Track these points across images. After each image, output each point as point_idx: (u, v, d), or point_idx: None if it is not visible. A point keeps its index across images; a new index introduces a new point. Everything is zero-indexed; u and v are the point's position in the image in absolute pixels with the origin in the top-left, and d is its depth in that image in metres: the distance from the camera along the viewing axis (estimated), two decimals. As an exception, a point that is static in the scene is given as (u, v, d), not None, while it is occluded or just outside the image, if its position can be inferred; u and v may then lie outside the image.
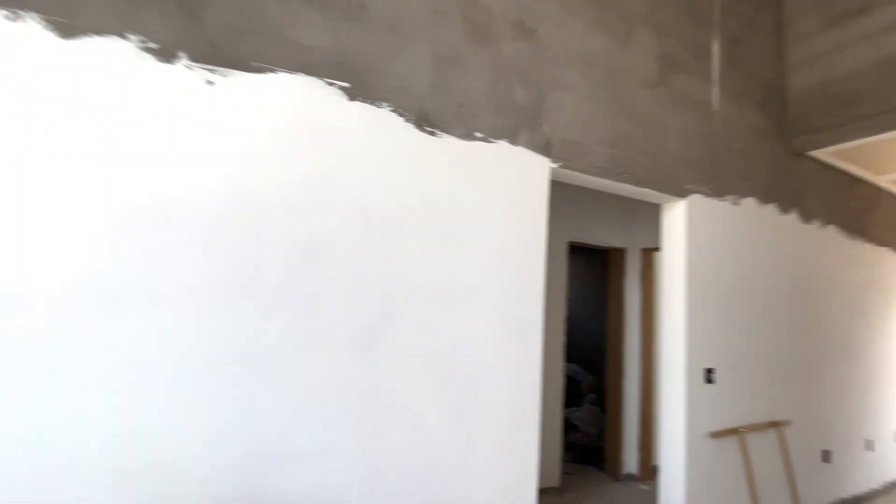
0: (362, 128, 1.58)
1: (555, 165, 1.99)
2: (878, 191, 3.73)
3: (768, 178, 2.85)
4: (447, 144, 1.75)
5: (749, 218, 2.72)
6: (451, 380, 1.70)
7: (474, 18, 1.84)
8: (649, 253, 3.65)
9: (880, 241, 3.71)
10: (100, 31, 1.24)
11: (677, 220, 2.46)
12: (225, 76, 1.38)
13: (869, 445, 3.48)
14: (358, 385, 1.53)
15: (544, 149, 1.97)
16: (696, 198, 2.48)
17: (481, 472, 1.75)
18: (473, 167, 1.80)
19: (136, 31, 1.28)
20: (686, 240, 2.41)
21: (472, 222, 1.78)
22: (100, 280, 1.21)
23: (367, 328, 1.55)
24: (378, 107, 1.61)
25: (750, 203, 2.73)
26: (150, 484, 1.24)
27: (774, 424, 2.73)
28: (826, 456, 3.11)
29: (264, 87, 1.43)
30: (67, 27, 1.21)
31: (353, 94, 1.57)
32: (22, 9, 1.16)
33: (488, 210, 1.82)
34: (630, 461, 3.57)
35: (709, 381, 2.44)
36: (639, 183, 2.26)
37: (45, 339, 1.14)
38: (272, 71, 1.45)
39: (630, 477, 3.53)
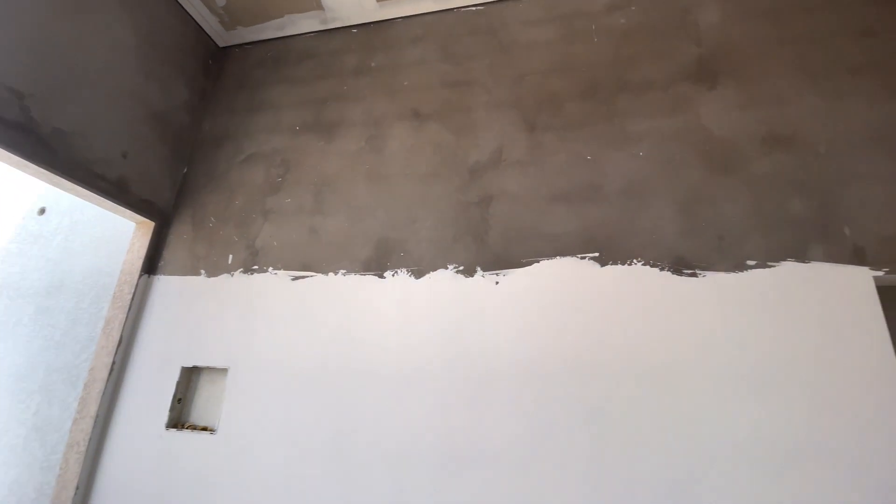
0: (618, 287, 1.75)
1: (878, 273, 1.57)
2: None
3: None
4: (713, 281, 1.68)
5: None
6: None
7: (711, 153, 1.87)
8: None
9: None
10: (434, 268, 1.96)
11: None
12: (505, 275, 1.87)
13: None
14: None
15: (854, 256, 1.61)
16: None
17: None
18: (753, 298, 1.63)
19: (451, 262, 1.95)
20: None
21: (770, 359, 1.55)
22: (447, 441, 1.69)
23: (662, 497, 1.48)
24: (630, 265, 1.77)
25: None
26: None
27: None
28: None
29: (531, 275, 1.84)
30: (418, 272, 1.97)
31: (603, 261, 1.80)
32: (405, 267, 1.99)
33: (788, 342, 1.55)
34: None
35: None
36: None
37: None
38: (536, 262, 1.86)
39: None
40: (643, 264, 1.76)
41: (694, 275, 1.71)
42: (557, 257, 1.85)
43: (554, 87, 2.18)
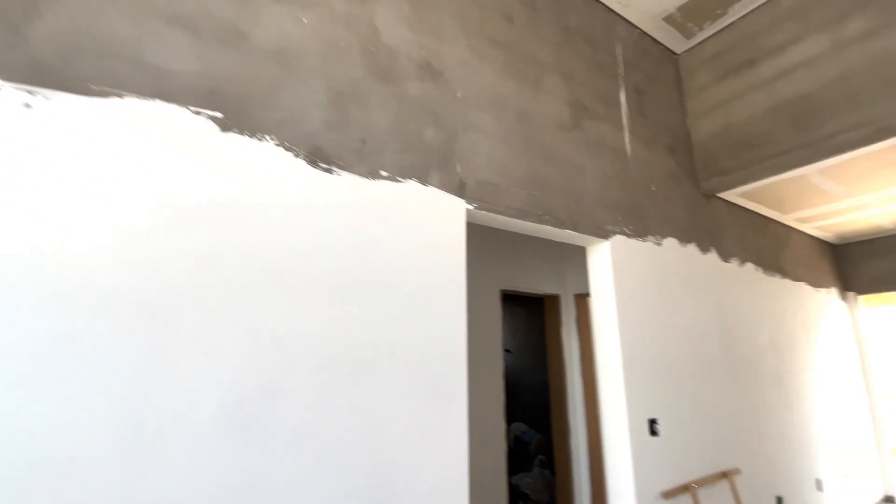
0: (239, 162, 1.37)
1: (470, 206, 1.86)
2: (787, 229, 3.98)
3: (686, 219, 2.92)
4: (347, 182, 1.56)
5: (672, 257, 2.72)
6: (356, 466, 1.39)
7: (376, 56, 1.75)
8: (583, 299, 3.58)
9: (795, 277, 3.90)
10: None
11: (602, 261, 2.39)
12: (50, 98, 1.14)
13: (819, 485, 3.40)
14: (229, 477, 1.19)
15: (458, 189, 1.85)
16: (619, 238, 2.44)
17: (396, 579, 1.40)
18: (379, 207, 1.61)
19: (-78, 42, 1.03)
20: (613, 281, 2.33)
21: (380, 267, 1.56)
22: None
23: (237, 405, 1.23)
24: (259, 140, 1.42)
25: (671, 243, 2.75)
26: None
27: (725, 475, 2.57)
28: (780, 502, 2.97)
29: (101, 113, 1.19)
30: None
31: (226, 126, 1.37)
32: None
33: (398, 252, 1.62)
34: (586, 530, 3.24)
35: (653, 433, 2.26)
36: (560, 224, 2.18)
37: None
38: (118, 95, 1.22)
39: (587, 549, 3.19)
40: (276, 144, 1.45)
41: (329, 171, 1.54)
42: (158, 100, 1.28)
43: None
